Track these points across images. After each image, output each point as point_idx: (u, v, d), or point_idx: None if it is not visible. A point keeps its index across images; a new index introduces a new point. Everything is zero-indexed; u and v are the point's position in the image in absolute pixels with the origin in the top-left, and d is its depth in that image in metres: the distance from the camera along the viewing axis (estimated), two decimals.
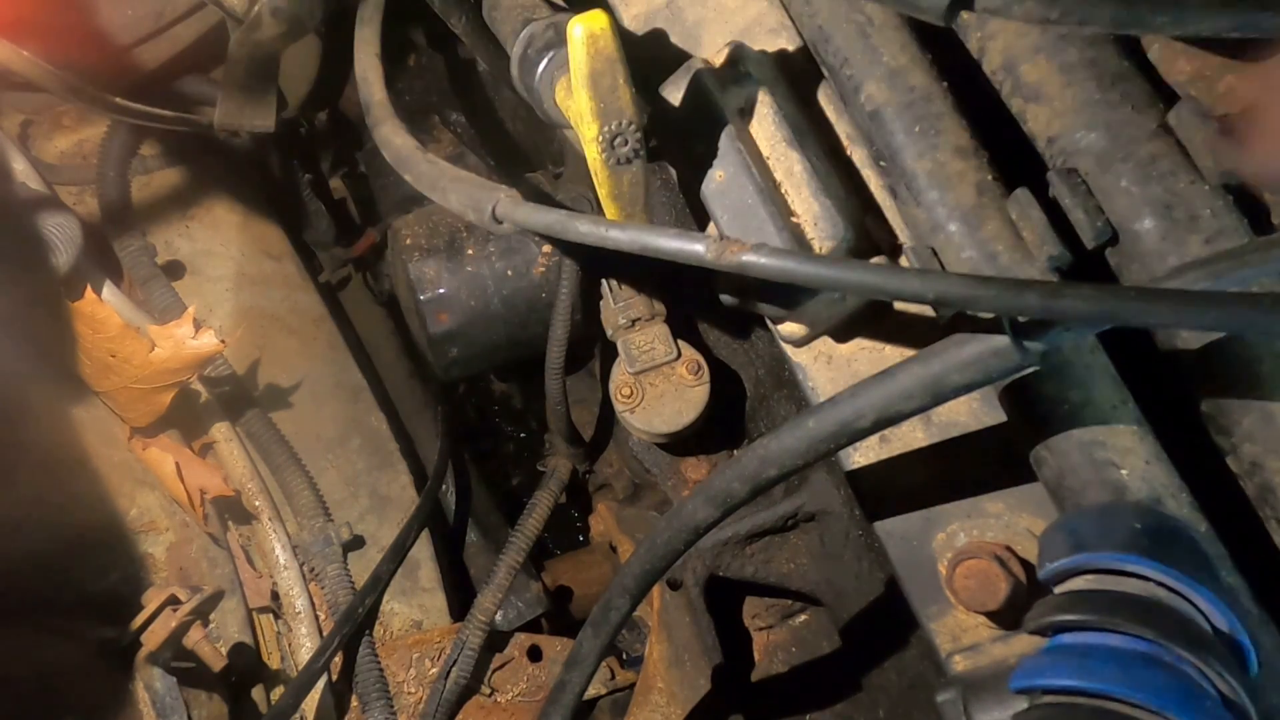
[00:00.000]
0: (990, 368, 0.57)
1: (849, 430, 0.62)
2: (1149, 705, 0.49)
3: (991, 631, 0.72)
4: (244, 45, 1.02)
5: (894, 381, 0.60)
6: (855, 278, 0.56)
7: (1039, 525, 0.71)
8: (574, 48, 0.46)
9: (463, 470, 1.31)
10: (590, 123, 0.47)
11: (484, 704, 1.09)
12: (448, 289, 1.14)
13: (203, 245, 1.25)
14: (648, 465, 1.17)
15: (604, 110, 0.46)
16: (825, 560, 1.00)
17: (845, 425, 0.61)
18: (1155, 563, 0.55)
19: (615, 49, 0.45)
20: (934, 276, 0.56)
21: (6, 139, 1.16)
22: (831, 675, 1.06)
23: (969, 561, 0.69)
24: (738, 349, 1.11)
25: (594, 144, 0.48)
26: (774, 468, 0.65)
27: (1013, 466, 0.69)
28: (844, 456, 0.77)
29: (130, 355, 1.04)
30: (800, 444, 0.63)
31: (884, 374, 0.61)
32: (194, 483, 1.07)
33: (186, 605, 0.92)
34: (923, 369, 0.59)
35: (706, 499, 0.69)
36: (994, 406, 0.71)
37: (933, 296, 0.54)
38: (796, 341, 0.78)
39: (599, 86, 0.46)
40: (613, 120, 0.47)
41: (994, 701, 0.65)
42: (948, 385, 0.58)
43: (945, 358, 0.58)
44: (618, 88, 0.46)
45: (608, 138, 0.47)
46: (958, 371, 0.58)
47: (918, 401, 0.60)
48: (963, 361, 0.57)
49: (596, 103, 0.46)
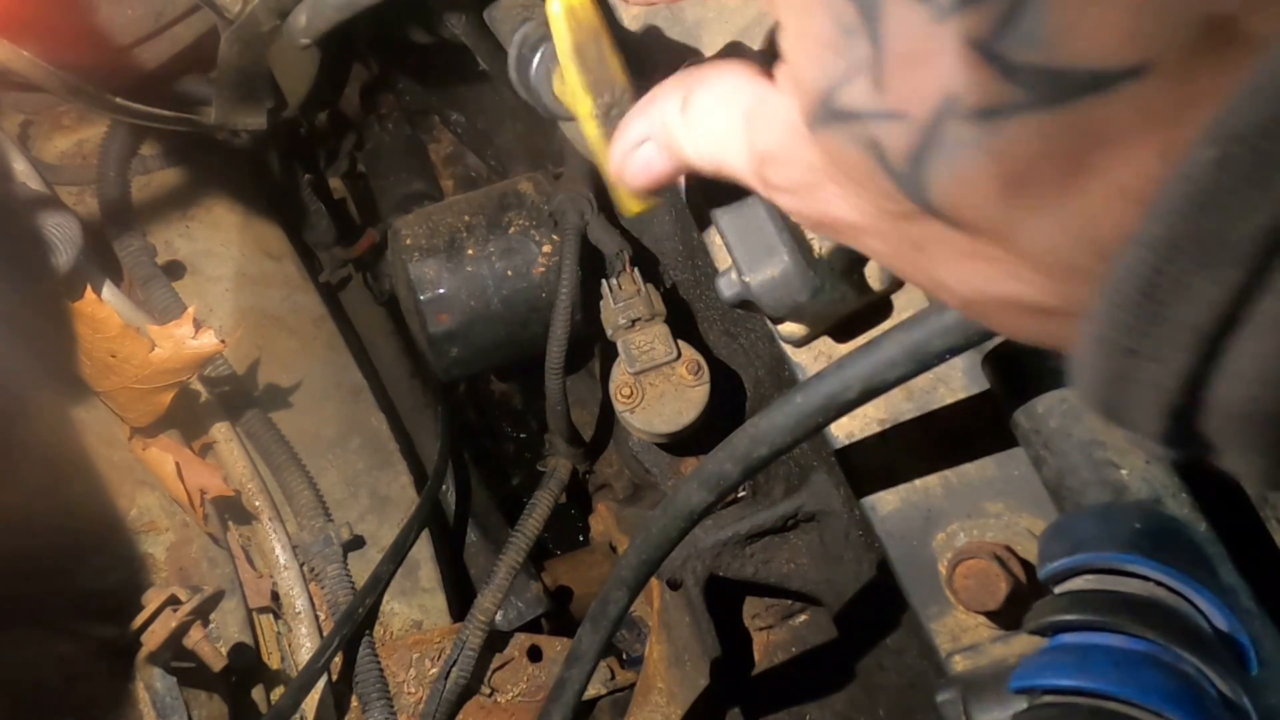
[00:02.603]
0: (971, 331, 0.57)
1: (837, 403, 0.62)
2: (1149, 705, 0.49)
3: (991, 631, 0.72)
4: (235, 45, 1.03)
5: (878, 351, 0.60)
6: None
7: (1039, 525, 0.71)
8: (554, 24, 0.45)
9: (463, 470, 1.31)
10: (583, 98, 0.46)
11: (484, 704, 1.09)
12: (448, 289, 1.14)
13: (203, 245, 1.25)
14: (648, 465, 1.17)
15: (594, 82, 0.45)
16: (825, 560, 1.00)
17: (833, 398, 0.62)
18: (1155, 563, 0.55)
19: (597, 19, 0.45)
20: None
21: (6, 139, 1.16)
22: (831, 675, 1.06)
23: (969, 561, 0.69)
24: (738, 349, 1.11)
25: (590, 120, 0.46)
26: (765, 446, 0.65)
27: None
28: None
29: (130, 355, 1.04)
30: (789, 420, 0.63)
31: (868, 345, 0.61)
32: (194, 483, 1.07)
33: (186, 605, 0.92)
34: (905, 336, 0.59)
35: (700, 483, 0.69)
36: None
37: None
38: (796, 341, 0.78)
39: (585, 58, 0.45)
40: (605, 91, 0.46)
41: (994, 701, 0.65)
42: (930, 351, 0.58)
43: (927, 325, 0.58)
44: (604, 57, 0.45)
45: (603, 109, 0.46)
46: (940, 337, 0.58)
47: (902, 369, 0.60)
48: (944, 327, 0.57)
49: (585, 75, 0.45)
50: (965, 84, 0.25)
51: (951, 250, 0.29)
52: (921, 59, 0.26)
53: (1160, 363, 0.24)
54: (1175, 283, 0.23)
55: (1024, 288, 0.28)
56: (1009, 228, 0.27)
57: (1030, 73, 0.24)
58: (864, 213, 0.32)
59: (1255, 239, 0.21)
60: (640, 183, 0.43)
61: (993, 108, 0.25)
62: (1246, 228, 0.21)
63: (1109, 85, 0.24)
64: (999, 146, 0.26)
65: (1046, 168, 0.25)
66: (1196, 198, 0.22)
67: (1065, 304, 0.27)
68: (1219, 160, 0.22)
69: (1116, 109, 0.24)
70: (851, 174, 0.31)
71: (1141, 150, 0.24)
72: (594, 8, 0.45)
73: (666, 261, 1.20)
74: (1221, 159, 0.22)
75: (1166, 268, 0.23)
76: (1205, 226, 0.22)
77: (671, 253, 1.18)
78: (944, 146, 0.26)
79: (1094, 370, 0.25)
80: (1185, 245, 0.22)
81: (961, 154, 0.26)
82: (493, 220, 1.18)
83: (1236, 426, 0.24)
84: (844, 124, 0.29)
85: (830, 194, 0.33)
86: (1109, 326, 0.24)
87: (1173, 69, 0.23)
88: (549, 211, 1.17)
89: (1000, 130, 0.25)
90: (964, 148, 0.26)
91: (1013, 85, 0.25)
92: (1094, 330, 0.25)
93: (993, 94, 0.25)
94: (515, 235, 1.16)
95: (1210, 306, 0.22)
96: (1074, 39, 0.24)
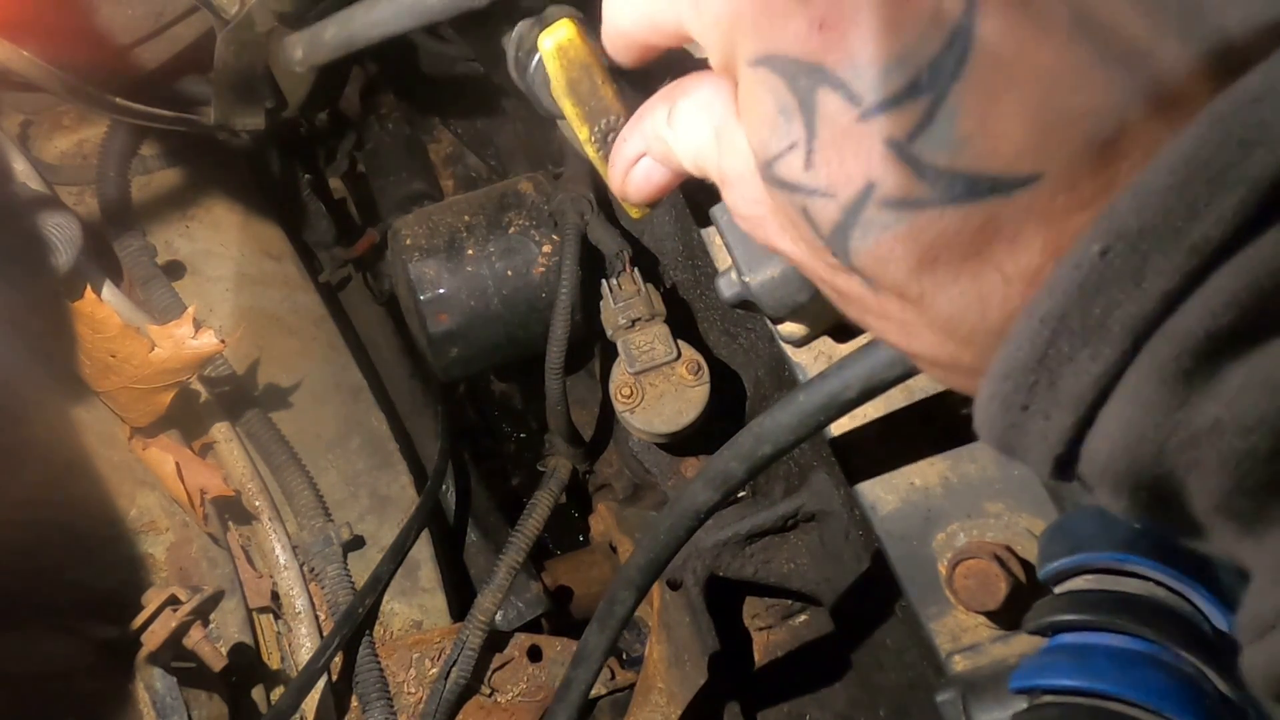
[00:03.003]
0: None
1: (837, 402, 0.64)
2: (1149, 705, 0.49)
3: (991, 631, 0.72)
4: (232, 45, 1.03)
5: (876, 351, 0.62)
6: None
7: (1039, 525, 0.71)
8: (547, 62, 0.47)
9: (463, 470, 1.31)
10: (580, 126, 0.49)
11: (484, 704, 1.09)
12: (448, 289, 1.14)
13: (203, 245, 1.25)
14: (648, 465, 1.17)
15: (589, 113, 0.48)
16: (825, 560, 1.00)
17: (834, 397, 0.64)
18: (1155, 563, 0.55)
19: (587, 54, 0.47)
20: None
21: (6, 139, 1.16)
22: (831, 675, 1.06)
23: (969, 561, 0.69)
24: (738, 349, 1.11)
25: (589, 144, 0.49)
26: (769, 445, 0.67)
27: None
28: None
29: (130, 355, 1.04)
30: (792, 419, 0.66)
31: (867, 345, 0.63)
32: (194, 483, 1.07)
33: (186, 605, 0.92)
34: None
35: (705, 482, 0.70)
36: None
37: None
38: (796, 341, 0.78)
39: (579, 93, 0.48)
40: (600, 119, 0.48)
41: (994, 701, 0.65)
42: None
43: None
44: (597, 88, 0.48)
45: (600, 135, 0.49)
46: None
47: (901, 369, 0.62)
48: None
49: (580, 108, 0.48)
50: (883, 176, 0.30)
51: (869, 306, 0.33)
52: (847, 149, 0.30)
53: (1048, 420, 0.28)
54: (1062, 355, 0.27)
55: (928, 347, 0.32)
56: (918, 298, 0.31)
57: (940, 174, 0.29)
58: (802, 255, 0.35)
59: (1126, 324, 0.26)
60: (643, 196, 0.46)
61: (906, 200, 0.29)
62: (1122, 314, 0.26)
63: (1007, 189, 0.28)
64: (910, 232, 0.30)
65: (950, 252, 0.29)
66: (1082, 283, 0.26)
67: (963, 364, 0.32)
68: (1102, 253, 0.26)
69: (1011, 209, 0.28)
70: (790, 222, 0.34)
71: (1030, 245, 0.28)
72: (584, 43, 0.47)
73: (666, 261, 1.20)
74: (1104, 251, 0.26)
75: (1056, 340, 0.27)
76: (1089, 309, 0.26)
77: (671, 253, 1.18)
78: (864, 225, 0.30)
79: (991, 420, 0.30)
80: (1072, 323, 0.26)
81: (879, 233, 0.30)
82: (493, 220, 1.18)
83: (1100, 474, 0.28)
84: (782, 190, 0.33)
85: (773, 229, 0.36)
86: (1004, 386, 0.29)
87: (1062, 178, 0.27)
88: (549, 211, 1.17)
89: (912, 219, 0.29)
90: (881, 229, 0.30)
91: (924, 183, 0.29)
92: (991, 388, 0.29)
93: (906, 188, 0.29)
94: (515, 235, 1.16)
95: (1091, 379, 0.27)
96: (978, 149, 0.28)
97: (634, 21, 0.41)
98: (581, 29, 0.47)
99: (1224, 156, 0.24)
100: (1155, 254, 0.25)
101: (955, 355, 0.31)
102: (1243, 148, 0.24)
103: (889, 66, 0.29)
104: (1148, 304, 0.25)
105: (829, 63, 0.30)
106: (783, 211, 0.34)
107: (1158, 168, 0.25)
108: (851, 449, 0.78)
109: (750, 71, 0.33)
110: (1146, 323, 0.25)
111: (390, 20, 0.78)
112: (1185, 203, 0.25)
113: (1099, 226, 0.26)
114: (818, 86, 0.30)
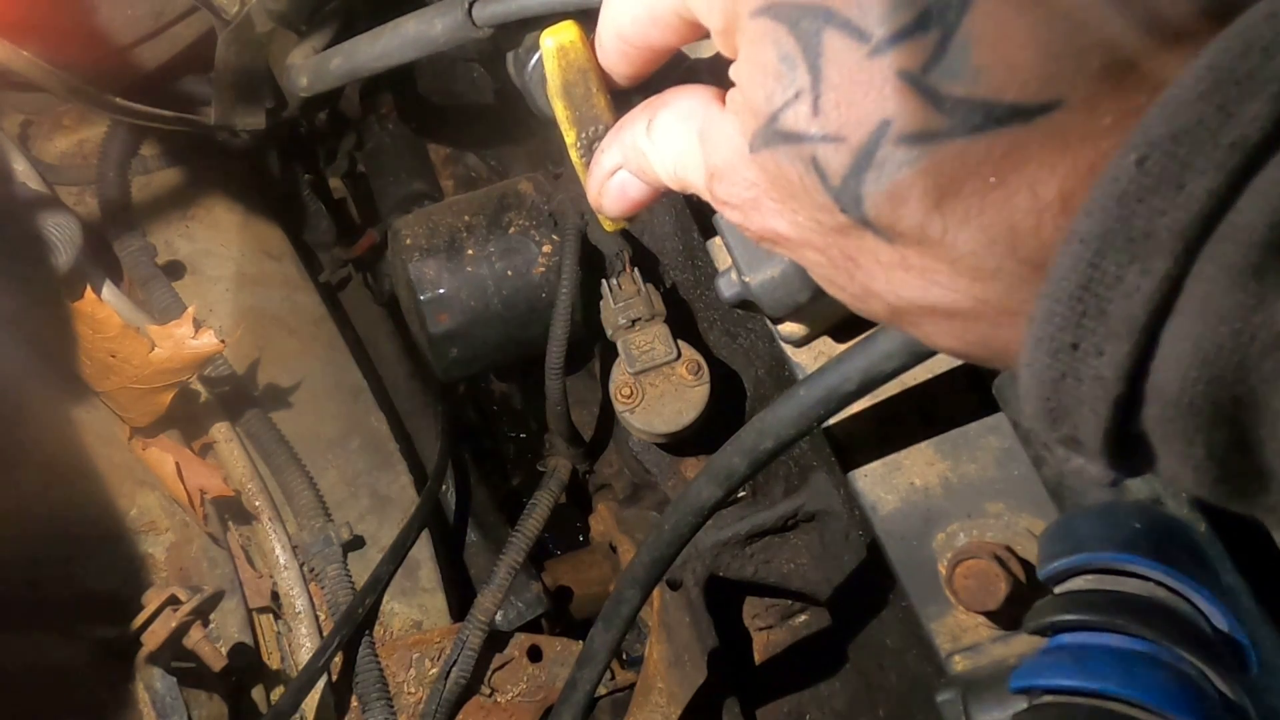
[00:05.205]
0: None
1: (837, 395, 0.65)
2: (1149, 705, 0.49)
3: (991, 631, 0.72)
4: (232, 45, 1.02)
5: (875, 345, 0.63)
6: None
7: (1039, 525, 0.71)
8: (546, 60, 0.47)
9: (463, 470, 1.31)
10: (568, 129, 0.49)
11: (484, 704, 1.09)
12: (448, 289, 1.14)
13: (203, 245, 1.25)
14: (648, 465, 1.17)
15: (579, 118, 0.48)
16: (825, 560, 1.00)
17: (833, 390, 0.65)
18: (1155, 563, 0.55)
19: (586, 58, 0.47)
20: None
21: (6, 139, 1.16)
22: (831, 675, 1.06)
23: (969, 561, 0.69)
24: (738, 349, 1.11)
25: (573, 149, 0.49)
26: (770, 439, 0.68)
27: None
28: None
29: (130, 355, 1.04)
30: (793, 413, 0.67)
31: (866, 339, 0.64)
32: (194, 483, 1.07)
33: (186, 605, 0.92)
34: (901, 331, 0.60)
35: (709, 478, 0.71)
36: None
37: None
38: (796, 341, 0.78)
39: (572, 96, 0.48)
40: (589, 127, 0.48)
41: (994, 701, 0.65)
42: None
43: None
44: (591, 95, 0.48)
45: (585, 143, 0.49)
46: None
47: (898, 361, 0.63)
48: None
49: (571, 111, 0.48)
50: (898, 111, 0.29)
51: (882, 261, 0.32)
52: (857, 88, 0.30)
53: (1101, 356, 0.26)
54: (1109, 276, 0.25)
55: (948, 294, 0.31)
56: (937, 236, 0.30)
57: (959, 103, 0.28)
58: (800, 227, 0.34)
59: (1175, 230, 0.24)
60: (618, 210, 0.46)
61: (924, 132, 0.29)
62: (1169, 221, 0.25)
63: (1028, 116, 0.28)
64: (930, 166, 0.29)
65: (973, 183, 0.28)
66: (1121, 196, 0.25)
67: (986, 307, 0.30)
68: (1139, 161, 0.25)
69: (1036, 135, 0.28)
70: (790, 190, 0.33)
71: (1057, 169, 0.27)
72: (585, 48, 0.47)
73: (666, 261, 1.20)
74: (1141, 160, 0.25)
75: (1100, 262, 0.25)
76: (1131, 221, 0.25)
77: (671, 253, 1.18)
78: (878, 166, 0.30)
79: (1038, 372, 0.28)
80: (1115, 239, 0.25)
81: (895, 172, 0.29)
82: (493, 220, 1.18)
83: (1173, 412, 0.26)
84: (786, 144, 0.32)
85: (769, 210, 0.36)
86: (1049, 327, 0.27)
87: (1083, 104, 0.27)
88: (549, 211, 1.17)
89: (932, 152, 0.29)
90: (898, 167, 0.29)
91: (942, 114, 0.28)
92: (1036, 331, 0.27)
93: (924, 120, 0.29)
94: (515, 235, 1.16)
95: (1144, 297, 0.25)
96: (996, 77, 0.28)
97: (633, 19, 0.41)
98: (584, 34, 0.47)
99: (1249, 62, 0.24)
100: (1195, 156, 0.24)
101: (981, 296, 0.30)
102: (1265, 54, 0.24)
103: (896, 1, 0.29)
104: (1194, 206, 0.24)
105: (833, 3, 0.30)
106: (781, 177, 0.33)
107: (1183, 81, 0.25)
108: (847, 437, 0.79)
109: (752, 24, 0.32)
110: (1194, 226, 0.24)
111: (395, 52, 0.79)
112: (1216, 105, 0.24)
113: (1133, 139, 0.25)
114: (823, 28, 0.30)
